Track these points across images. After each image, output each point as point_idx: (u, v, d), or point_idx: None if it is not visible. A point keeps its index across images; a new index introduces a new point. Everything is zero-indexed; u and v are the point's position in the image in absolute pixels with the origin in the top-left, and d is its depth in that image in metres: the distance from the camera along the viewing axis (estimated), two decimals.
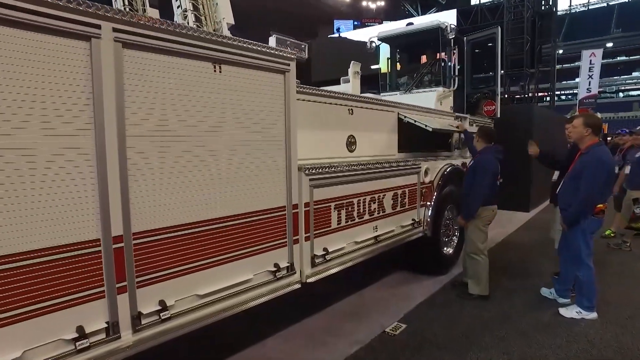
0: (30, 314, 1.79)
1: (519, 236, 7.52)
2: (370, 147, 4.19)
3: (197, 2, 4.57)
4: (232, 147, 2.60)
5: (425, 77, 7.05)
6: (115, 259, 2.06)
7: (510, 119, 9.23)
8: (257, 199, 2.78)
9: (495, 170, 4.43)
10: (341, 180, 3.53)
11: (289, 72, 2.94)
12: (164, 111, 2.24)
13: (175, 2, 4.88)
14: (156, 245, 2.25)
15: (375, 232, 4.07)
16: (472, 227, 4.48)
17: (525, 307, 4.26)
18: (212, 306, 2.52)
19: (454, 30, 6.70)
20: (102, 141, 1.97)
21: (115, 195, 2.04)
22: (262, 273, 2.85)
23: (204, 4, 4.62)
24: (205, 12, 4.66)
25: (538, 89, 17.75)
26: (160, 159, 2.23)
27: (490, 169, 4.38)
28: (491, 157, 4.46)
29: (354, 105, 3.93)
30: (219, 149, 2.52)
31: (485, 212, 4.44)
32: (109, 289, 2.04)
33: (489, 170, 4.37)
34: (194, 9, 4.61)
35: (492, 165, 4.41)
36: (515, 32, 14.40)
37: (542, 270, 5.38)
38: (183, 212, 2.36)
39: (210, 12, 4.69)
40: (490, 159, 4.44)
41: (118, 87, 2.02)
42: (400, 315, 4.14)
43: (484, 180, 4.33)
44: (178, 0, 4.83)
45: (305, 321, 4.03)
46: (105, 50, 1.95)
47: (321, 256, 3.34)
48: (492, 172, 4.39)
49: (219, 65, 2.48)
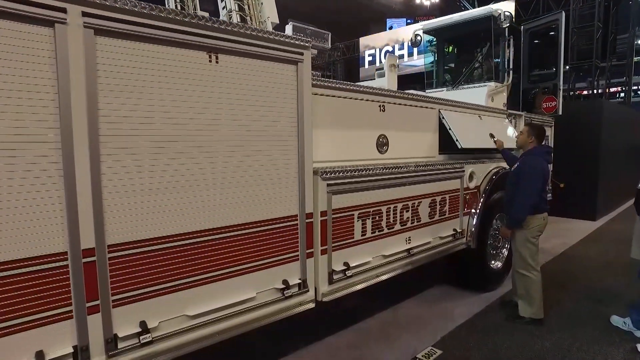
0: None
1: (583, 249, 6.60)
2: (405, 148, 3.73)
3: (242, 2, 4.47)
4: (230, 148, 2.28)
5: (475, 71, 6.41)
6: (86, 275, 1.81)
7: (574, 116, 8.26)
8: (262, 208, 2.44)
9: (546, 173, 3.88)
10: (366, 185, 3.11)
11: (302, 63, 2.57)
12: (147, 108, 1.96)
13: (221, 2, 4.81)
14: (137, 259, 1.98)
15: (409, 244, 3.59)
16: (521, 239, 3.86)
17: (590, 339, 3.57)
18: (205, 328, 2.22)
19: (508, 19, 5.99)
20: (69, 142, 1.73)
21: (86, 202, 1.79)
22: (267, 291, 2.51)
23: (249, 3, 4.53)
24: (250, 12, 4.57)
25: (610, 84, 15.97)
26: (142, 162, 1.96)
27: (541, 171, 3.76)
28: (541, 159, 3.84)
29: (385, 101, 3.49)
30: (215, 150, 2.22)
31: (535, 220, 3.80)
32: (78, 308, 1.79)
33: (540, 172, 3.75)
34: (239, 9, 4.53)
35: (543, 168, 3.80)
36: (584, 19, 12.90)
37: (614, 294, 4.59)
38: (171, 222, 2.08)
39: (255, 11, 4.59)
40: (540, 160, 3.81)
41: (89, 80, 1.77)
42: (436, 338, 3.64)
43: (535, 184, 3.72)
44: (223, 1, 4.77)
45: (328, 339, 3.65)
46: (72, 38, 1.70)
47: (341, 272, 2.94)
48: (544, 175, 3.78)
49: (214, 54, 2.18)
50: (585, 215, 8.51)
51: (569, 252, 6.40)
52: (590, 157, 8.46)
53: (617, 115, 9.52)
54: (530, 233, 3.82)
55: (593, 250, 6.50)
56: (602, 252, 6.31)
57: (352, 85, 3.17)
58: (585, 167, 8.41)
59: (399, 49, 19.94)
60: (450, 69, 6.98)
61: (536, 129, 4.01)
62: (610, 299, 4.42)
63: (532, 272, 3.85)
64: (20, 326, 1.66)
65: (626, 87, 15.16)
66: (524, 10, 15.26)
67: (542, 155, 3.87)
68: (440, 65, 6.98)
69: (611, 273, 5.31)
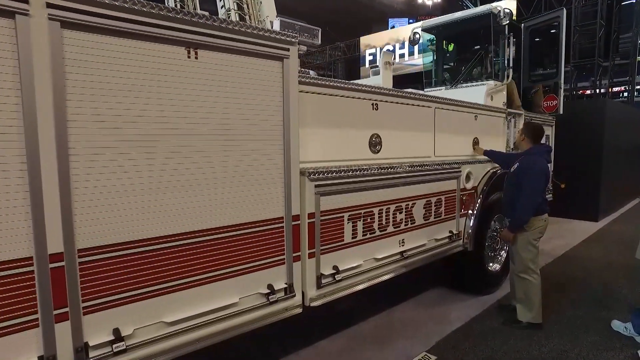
0: None
1: (585, 250, 6.48)
2: (399, 147, 3.62)
3: (241, 1, 4.40)
4: (211, 147, 2.18)
5: (475, 69, 6.29)
6: (53, 281, 1.72)
7: (577, 116, 8.13)
8: (244, 210, 2.34)
9: (547, 173, 3.77)
10: (357, 186, 3.01)
11: (288, 59, 2.47)
12: (120, 105, 1.87)
13: (219, 1, 4.73)
14: (111, 264, 1.89)
15: (402, 246, 3.49)
16: (522, 241, 3.74)
17: (590, 345, 3.46)
18: (184, 335, 2.13)
19: (508, 16, 5.87)
20: (33, 141, 1.63)
21: (53, 205, 1.70)
22: (251, 296, 2.42)
23: (248, 2, 4.45)
24: (249, 11, 4.50)
25: (613, 83, 15.78)
26: (115, 162, 1.87)
27: (541, 170, 3.65)
28: (541, 158, 3.73)
29: (378, 99, 3.39)
30: (194, 150, 2.12)
31: (537, 222, 3.69)
32: (44, 316, 1.70)
33: (540, 172, 3.64)
34: (237, 8, 4.46)
35: (542, 167, 3.68)
36: (587, 17, 12.72)
37: (615, 297, 4.47)
38: (147, 225, 1.99)
39: (254, 10, 4.51)
40: (540, 160, 3.70)
41: (56, 76, 1.67)
42: (431, 343, 3.54)
43: (536, 184, 3.61)
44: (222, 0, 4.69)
45: (320, 344, 3.56)
46: (36, 31, 1.61)
47: (330, 276, 2.84)
48: (544, 174, 3.67)
49: (194, 50, 2.08)
50: (588, 216, 8.38)
51: (570, 254, 6.28)
52: (593, 156, 8.32)
53: (620, 115, 9.37)
54: (532, 235, 3.70)
55: (595, 251, 6.37)
56: (604, 254, 6.18)
57: (342, 82, 3.07)
58: (587, 167, 8.27)
59: (399, 48, 19.82)
60: (450, 68, 6.87)
61: (530, 128, 3.90)
62: (611, 303, 4.31)
63: (532, 276, 3.74)
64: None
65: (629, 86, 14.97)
66: (526, 8, 15.11)
67: (541, 155, 3.76)
68: (440, 64, 6.87)
69: (613, 275, 5.19)
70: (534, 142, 3.81)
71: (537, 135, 3.84)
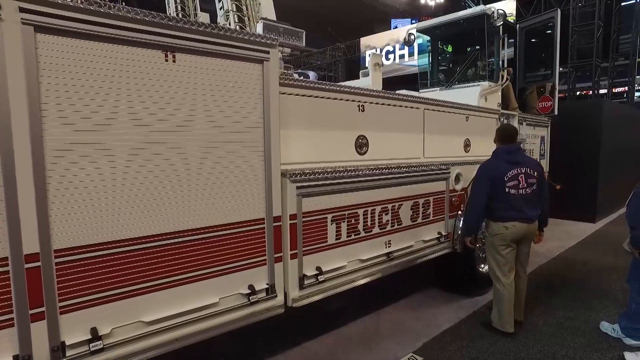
0: None
1: (580, 252, 6.46)
2: (387, 149, 3.64)
3: (240, 2, 4.42)
4: (191, 149, 2.21)
5: (469, 70, 6.30)
6: (29, 281, 1.75)
7: (574, 116, 8.11)
8: (224, 211, 2.37)
9: (496, 175, 3.50)
10: (341, 188, 3.03)
11: (268, 62, 2.50)
12: (97, 108, 1.90)
13: (218, 3, 4.75)
14: (88, 264, 1.92)
15: (388, 248, 3.50)
16: (488, 246, 3.69)
17: (578, 346, 3.46)
18: (163, 335, 2.16)
19: (501, 17, 5.88)
20: (7, 142, 1.67)
21: (29, 206, 1.73)
22: (232, 296, 2.44)
23: (247, 4, 4.46)
24: (248, 12, 4.51)
25: (613, 84, 15.72)
26: (92, 164, 1.90)
27: (485, 173, 3.57)
28: (495, 160, 3.62)
29: (365, 100, 3.41)
30: (174, 152, 2.15)
31: (496, 228, 3.54)
32: (20, 316, 1.73)
33: (483, 174, 3.57)
34: (236, 9, 4.48)
35: (488, 168, 3.58)
36: (585, 17, 12.66)
37: (607, 299, 4.46)
38: (125, 226, 2.02)
39: (253, 12, 4.53)
40: (491, 161, 3.63)
41: (30, 80, 1.70)
42: (418, 344, 3.54)
43: (477, 187, 3.60)
44: (220, 1, 4.71)
45: (307, 344, 3.57)
46: (9, 35, 1.64)
47: (313, 276, 2.86)
48: (490, 177, 3.52)
49: (171, 53, 2.11)
50: (585, 217, 8.35)
51: (565, 255, 6.26)
52: (590, 157, 8.29)
53: (617, 115, 9.33)
54: (495, 241, 3.57)
55: (590, 253, 6.35)
56: (599, 256, 6.16)
57: (326, 84, 3.10)
58: (585, 167, 8.25)
59: (399, 49, 19.82)
60: (445, 69, 6.87)
61: (497, 129, 3.82)
62: (602, 305, 4.30)
63: (498, 284, 3.62)
64: None
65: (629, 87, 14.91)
66: (526, 10, 15.09)
67: (497, 156, 3.63)
68: (435, 65, 6.87)
69: (606, 277, 5.18)
70: (501, 143, 3.68)
71: (502, 135, 3.70)
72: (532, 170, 3.56)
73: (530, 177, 3.54)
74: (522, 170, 3.52)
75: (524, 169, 3.53)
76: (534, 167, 3.60)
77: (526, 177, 3.52)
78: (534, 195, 3.55)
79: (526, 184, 3.51)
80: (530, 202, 3.53)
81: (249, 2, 4.46)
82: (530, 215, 3.53)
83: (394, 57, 20.23)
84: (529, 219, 3.53)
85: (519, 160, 3.57)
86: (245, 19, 4.45)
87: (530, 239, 3.69)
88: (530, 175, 3.54)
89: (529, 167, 3.56)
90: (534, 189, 3.54)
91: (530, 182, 3.53)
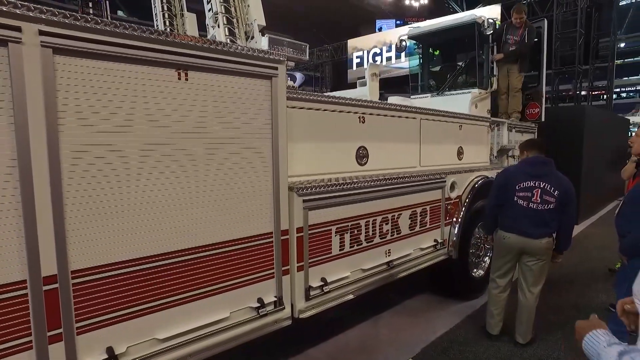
0: None
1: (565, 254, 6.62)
2: (385, 159, 3.71)
3: (228, 4, 4.40)
4: (203, 166, 2.23)
5: (460, 77, 6.43)
6: (47, 303, 1.75)
7: (557, 121, 8.34)
8: (235, 226, 2.39)
9: (509, 182, 3.50)
10: (344, 200, 3.08)
11: (277, 78, 2.53)
12: (113, 128, 1.90)
13: (207, 5, 4.73)
14: (104, 283, 1.93)
15: (388, 256, 3.57)
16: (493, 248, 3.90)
17: (568, 349, 3.60)
18: (177, 351, 2.17)
19: (491, 25, 6.04)
20: (27, 165, 1.66)
21: (47, 229, 1.72)
22: (242, 310, 2.47)
23: (235, 6, 4.45)
24: (237, 14, 4.50)
25: (593, 86, 16.22)
26: (108, 184, 1.90)
27: (500, 177, 3.71)
28: (512, 169, 3.77)
29: (365, 112, 3.47)
30: (186, 169, 2.16)
31: (497, 235, 3.66)
32: (38, 338, 1.73)
33: (498, 178, 3.73)
34: (225, 11, 4.46)
35: (505, 174, 3.66)
36: (567, 25, 13.07)
37: (594, 302, 4.63)
38: (139, 245, 2.02)
39: (242, 14, 4.51)
40: (512, 168, 3.78)
41: (48, 101, 1.70)
42: (416, 350, 3.63)
43: (492, 189, 3.74)
44: (209, 3, 4.69)
45: (307, 352, 3.62)
46: (29, 58, 1.64)
47: (318, 287, 2.91)
48: (502, 182, 3.60)
49: (184, 71, 2.13)
50: None
51: None
52: (573, 161, 8.53)
53: (598, 119, 9.64)
54: (496, 247, 3.75)
55: (573, 255, 6.54)
56: (583, 258, 6.36)
57: (330, 97, 3.14)
58: (568, 171, 8.46)
59: (387, 51, 19.99)
60: (436, 74, 6.99)
61: (522, 145, 3.81)
62: (589, 307, 4.46)
63: (490, 284, 3.83)
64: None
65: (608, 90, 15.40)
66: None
67: (519, 164, 3.73)
68: (426, 71, 6.99)
69: (592, 280, 5.36)
70: (527, 154, 3.64)
71: (525, 147, 3.70)
72: (553, 189, 3.37)
73: (548, 194, 3.38)
74: (539, 185, 3.40)
75: (543, 184, 3.39)
76: (556, 187, 3.38)
77: (542, 193, 3.39)
78: (546, 213, 3.39)
79: (540, 199, 3.38)
80: (535, 219, 3.41)
81: (237, 4, 4.46)
82: (530, 232, 3.42)
83: (380, 59, 20.39)
84: (528, 234, 3.43)
85: (541, 174, 3.43)
86: (234, 20, 4.46)
87: (533, 255, 3.50)
88: (548, 193, 3.38)
89: (549, 184, 3.39)
90: (549, 208, 3.38)
91: (545, 199, 3.38)
